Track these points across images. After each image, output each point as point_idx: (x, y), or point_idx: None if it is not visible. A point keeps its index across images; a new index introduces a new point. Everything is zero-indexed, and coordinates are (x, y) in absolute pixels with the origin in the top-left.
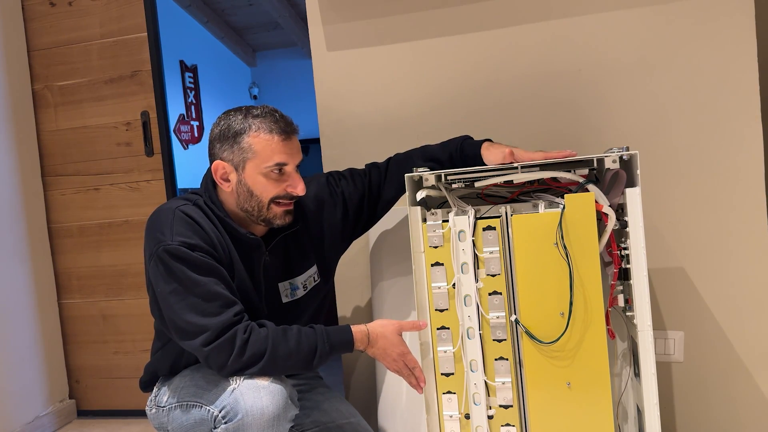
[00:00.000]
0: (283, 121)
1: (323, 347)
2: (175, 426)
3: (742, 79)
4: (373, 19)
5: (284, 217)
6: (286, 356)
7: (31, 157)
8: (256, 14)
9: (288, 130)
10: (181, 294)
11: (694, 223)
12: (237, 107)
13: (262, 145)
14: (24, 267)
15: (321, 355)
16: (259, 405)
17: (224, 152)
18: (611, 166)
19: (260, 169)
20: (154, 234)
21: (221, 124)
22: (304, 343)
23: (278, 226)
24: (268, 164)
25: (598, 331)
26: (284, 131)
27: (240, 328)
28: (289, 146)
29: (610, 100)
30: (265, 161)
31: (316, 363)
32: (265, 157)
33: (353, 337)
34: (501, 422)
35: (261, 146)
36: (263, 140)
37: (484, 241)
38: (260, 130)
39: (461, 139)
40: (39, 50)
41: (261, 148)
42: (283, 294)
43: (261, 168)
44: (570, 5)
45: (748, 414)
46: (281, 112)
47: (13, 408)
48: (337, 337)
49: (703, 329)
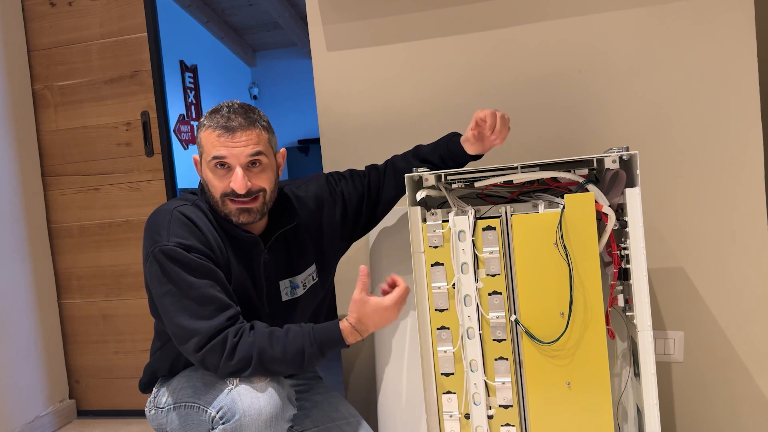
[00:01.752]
0: (227, 117)
1: (311, 349)
2: (173, 427)
3: (742, 79)
4: (373, 19)
5: (239, 215)
6: (273, 361)
7: (31, 157)
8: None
9: (229, 126)
10: (175, 296)
11: (694, 223)
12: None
13: (206, 140)
14: (24, 267)
15: (310, 357)
16: (257, 405)
17: (197, 147)
18: (611, 166)
19: (206, 164)
20: (151, 235)
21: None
22: (291, 346)
23: (240, 224)
24: (208, 158)
25: (598, 331)
26: (224, 126)
27: (231, 332)
28: (229, 141)
29: (610, 100)
30: (207, 155)
31: (306, 364)
32: (207, 152)
33: (342, 334)
34: (501, 422)
35: (205, 141)
36: (206, 135)
37: (484, 241)
38: (207, 125)
39: (448, 138)
40: (39, 50)
41: (205, 143)
42: (283, 292)
43: (206, 162)
44: (570, 5)
45: (748, 414)
46: (238, 106)
47: (13, 408)
48: (325, 335)
49: (703, 329)
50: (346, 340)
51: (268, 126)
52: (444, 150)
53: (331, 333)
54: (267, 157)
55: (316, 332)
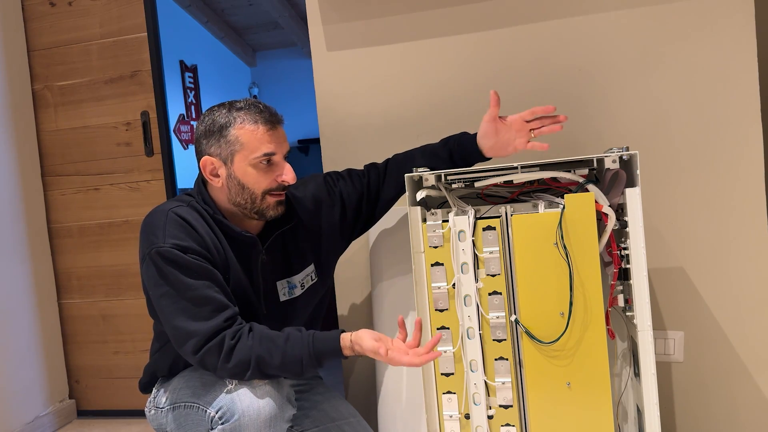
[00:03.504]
0: (267, 112)
1: (309, 359)
2: (173, 427)
3: (742, 79)
4: (373, 19)
5: (277, 208)
6: (271, 367)
7: (31, 157)
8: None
9: (273, 120)
10: (172, 297)
11: (694, 223)
12: (220, 103)
13: (248, 137)
14: (24, 267)
15: (308, 366)
16: (256, 406)
17: (211, 147)
18: (611, 166)
19: (249, 161)
20: (147, 236)
21: (206, 121)
22: (289, 354)
23: (271, 217)
24: (256, 155)
25: (598, 331)
26: (269, 121)
27: (228, 333)
28: (276, 135)
29: (611, 100)
30: (252, 152)
31: (305, 371)
32: (253, 148)
33: (341, 345)
34: (501, 422)
35: (247, 137)
36: (249, 131)
37: (484, 241)
38: (245, 121)
39: (459, 135)
40: (39, 50)
41: (248, 140)
42: (281, 292)
43: (249, 159)
44: (570, 5)
45: (748, 414)
46: (264, 103)
47: (13, 408)
48: (324, 346)
49: (703, 329)
50: (344, 351)
51: None
52: (454, 144)
53: (330, 345)
54: None
55: (315, 342)
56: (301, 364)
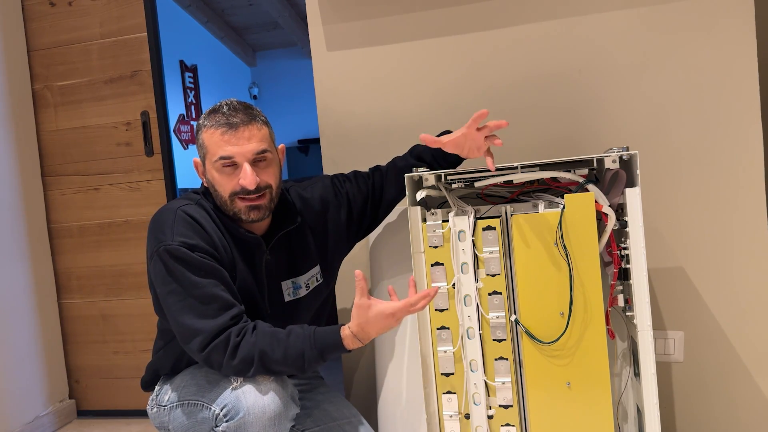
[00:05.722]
0: (228, 114)
1: (311, 353)
2: (176, 425)
3: (742, 79)
4: (373, 19)
5: (249, 213)
6: (274, 362)
7: (31, 157)
8: (256, 14)
9: (231, 122)
10: (179, 295)
11: (694, 223)
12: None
13: (209, 140)
14: (24, 267)
15: (310, 360)
16: (261, 404)
17: (197, 150)
18: (611, 166)
19: (212, 165)
20: (155, 234)
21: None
22: (292, 349)
23: (251, 220)
24: (215, 158)
25: (598, 331)
26: (226, 124)
27: (234, 331)
28: (234, 138)
29: (611, 100)
30: (213, 156)
31: (307, 367)
32: (213, 152)
33: (342, 340)
34: (501, 422)
35: (209, 141)
36: (209, 135)
37: (484, 241)
38: (208, 125)
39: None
40: (39, 50)
41: (209, 143)
42: (286, 293)
43: (212, 163)
44: (570, 5)
45: (748, 414)
46: (237, 104)
47: (13, 408)
48: (326, 340)
49: (703, 329)
50: (347, 346)
51: (267, 121)
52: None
53: (331, 338)
54: (271, 153)
55: (317, 336)
56: (303, 358)
